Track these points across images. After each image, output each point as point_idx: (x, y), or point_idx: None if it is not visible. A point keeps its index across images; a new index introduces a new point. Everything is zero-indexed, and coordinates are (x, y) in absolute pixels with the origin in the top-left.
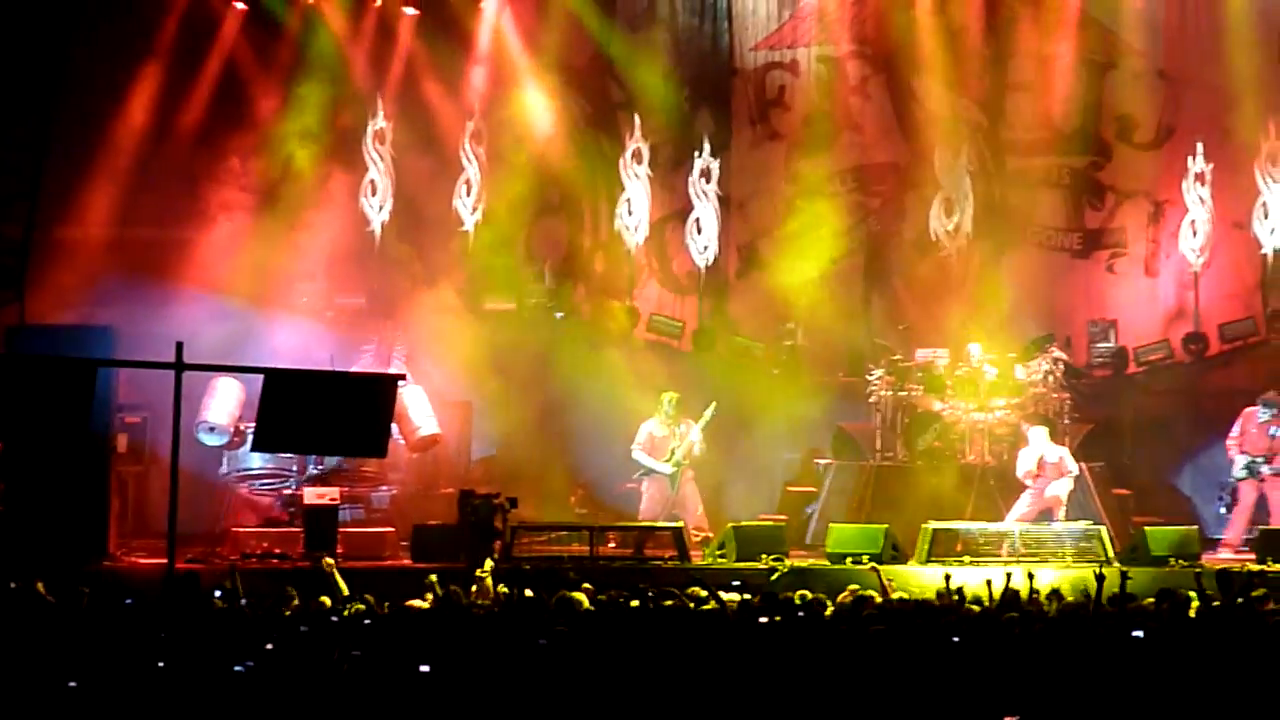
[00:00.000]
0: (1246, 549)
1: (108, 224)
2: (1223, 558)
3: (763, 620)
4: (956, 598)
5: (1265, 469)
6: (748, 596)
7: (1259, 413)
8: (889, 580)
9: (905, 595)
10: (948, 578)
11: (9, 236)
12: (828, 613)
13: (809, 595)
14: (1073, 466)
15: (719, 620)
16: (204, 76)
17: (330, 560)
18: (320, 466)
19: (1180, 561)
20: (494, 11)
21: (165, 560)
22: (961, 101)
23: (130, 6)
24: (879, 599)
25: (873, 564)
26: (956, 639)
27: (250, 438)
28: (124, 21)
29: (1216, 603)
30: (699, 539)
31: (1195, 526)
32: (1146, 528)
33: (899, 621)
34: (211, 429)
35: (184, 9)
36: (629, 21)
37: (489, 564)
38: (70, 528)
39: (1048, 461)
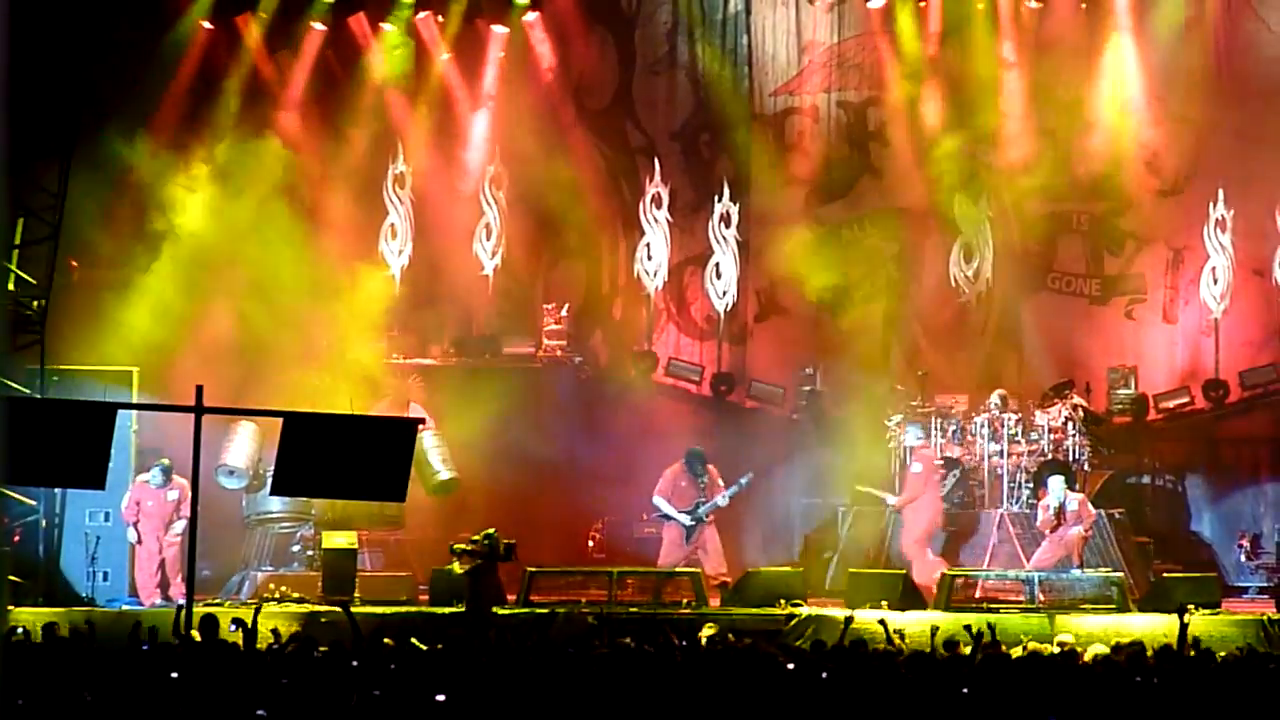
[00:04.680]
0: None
1: (129, 266)
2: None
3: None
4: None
5: None
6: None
7: None
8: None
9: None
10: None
11: (31, 279)
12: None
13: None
14: (1091, 511)
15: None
16: (222, 115)
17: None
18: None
19: (1199, 609)
20: (513, 55)
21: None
22: (981, 147)
23: (151, 48)
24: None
25: (881, 618)
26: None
27: (269, 481)
28: (145, 60)
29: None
30: (716, 584)
31: (1215, 574)
32: (1166, 575)
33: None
34: (230, 472)
35: (204, 50)
36: (649, 66)
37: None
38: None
39: (1067, 509)
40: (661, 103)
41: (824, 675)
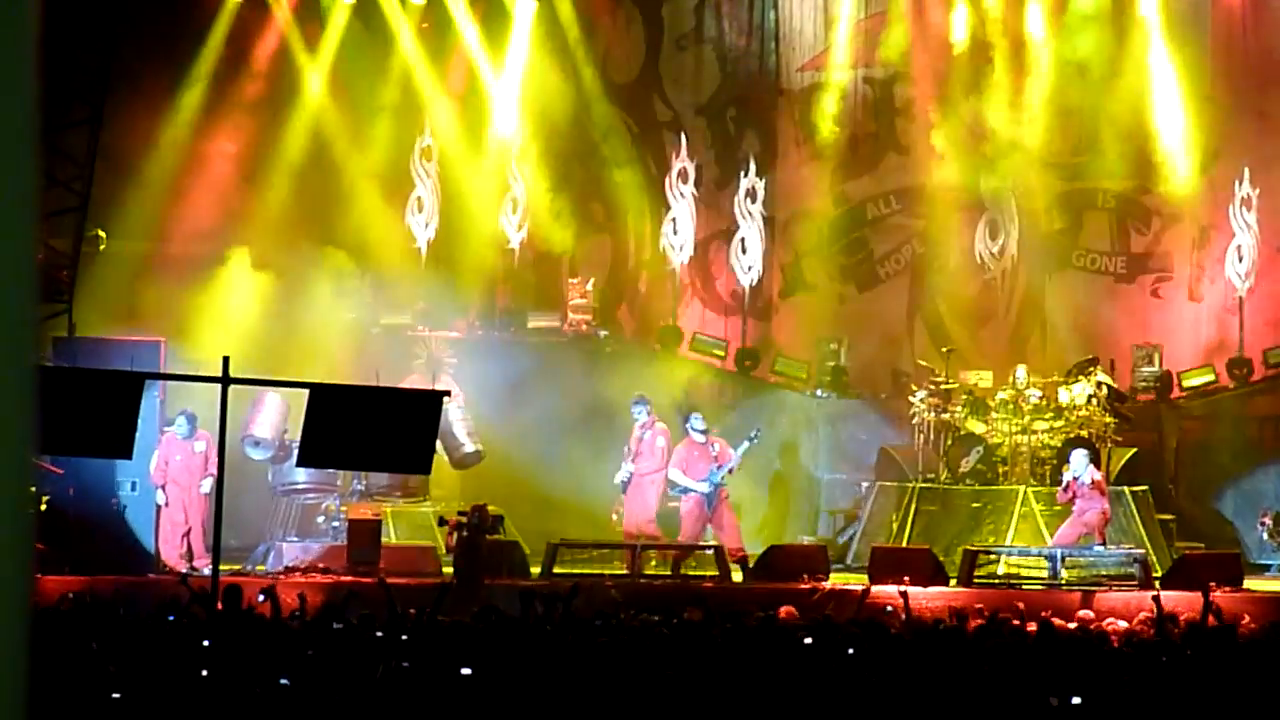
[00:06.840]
0: None
1: (156, 237)
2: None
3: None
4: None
5: None
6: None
7: None
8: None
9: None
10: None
11: (58, 249)
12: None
13: None
14: (1105, 490)
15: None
16: (249, 85)
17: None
18: (364, 482)
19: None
20: (541, 28)
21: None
22: (1007, 124)
23: (180, 18)
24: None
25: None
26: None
27: (295, 452)
28: (173, 31)
29: None
30: (737, 559)
31: (1237, 552)
32: (1188, 553)
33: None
34: (257, 443)
35: (233, 20)
36: (676, 40)
37: None
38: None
39: (1084, 484)
40: (688, 77)
41: (849, 651)
